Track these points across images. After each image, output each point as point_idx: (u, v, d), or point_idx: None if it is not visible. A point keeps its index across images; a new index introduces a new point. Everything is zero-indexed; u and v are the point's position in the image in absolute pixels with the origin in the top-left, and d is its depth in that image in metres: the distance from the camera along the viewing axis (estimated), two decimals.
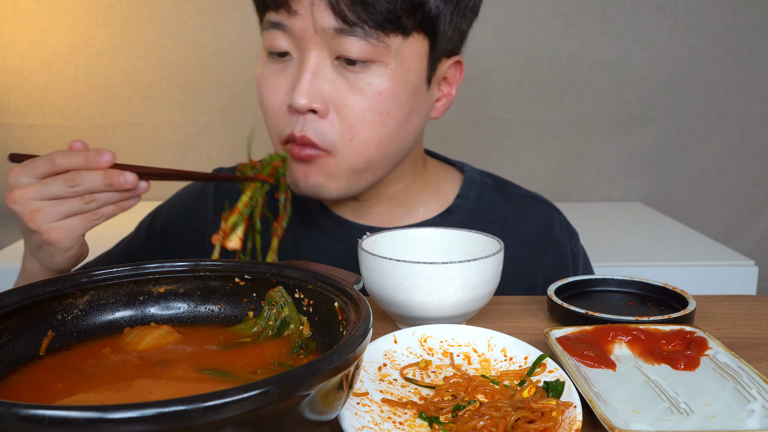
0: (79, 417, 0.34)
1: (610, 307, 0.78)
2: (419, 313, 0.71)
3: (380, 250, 0.79)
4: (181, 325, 0.60)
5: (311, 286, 0.57)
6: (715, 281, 1.56)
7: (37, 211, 0.70)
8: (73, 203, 0.70)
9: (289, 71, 0.81)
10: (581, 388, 0.55)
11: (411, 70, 0.81)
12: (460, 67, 0.89)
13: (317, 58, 0.78)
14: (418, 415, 0.54)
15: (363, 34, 0.76)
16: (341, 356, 0.42)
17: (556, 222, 1.00)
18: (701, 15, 2.01)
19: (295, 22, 0.77)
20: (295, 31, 0.78)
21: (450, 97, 0.89)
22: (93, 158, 0.69)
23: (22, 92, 1.95)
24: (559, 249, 0.99)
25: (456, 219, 0.95)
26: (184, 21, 1.94)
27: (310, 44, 0.78)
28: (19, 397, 0.47)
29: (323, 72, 0.79)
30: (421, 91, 0.84)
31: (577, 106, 2.06)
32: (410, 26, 0.78)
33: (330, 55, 0.78)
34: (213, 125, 2.01)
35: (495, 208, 0.98)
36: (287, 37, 0.79)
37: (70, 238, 0.71)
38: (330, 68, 0.79)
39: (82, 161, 0.69)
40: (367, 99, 0.79)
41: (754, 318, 0.79)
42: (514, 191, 1.02)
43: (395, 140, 0.83)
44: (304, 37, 0.78)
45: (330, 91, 0.79)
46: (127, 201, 0.72)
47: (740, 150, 2.11)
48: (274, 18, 0.79)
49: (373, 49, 0.77)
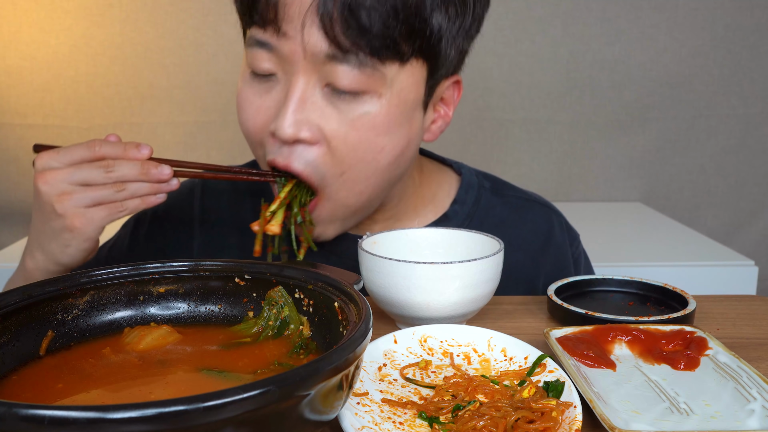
0: (79, 417, 0.34)
1: (610, 307, 0.78)
2: (419, 313, 0.71)
3: (380, 250, 0.79)
4: (181, 325, 0.60)
5: (311, 286, 0.57)
6: (715, 281, 1.56)
7: (66, 194, 0.69)
8: (104, 191, 0.70)
9: (273, 94, 0.75)
10: (581, 388, 0.55)
11: (408, 100, 0.75)
12: (459, 87, 0.83)
13: (305, 84, 0.72)
14: (418, 415, 0.54)
15: (357, 63, 0.70)
16: (341, 356, 0.42)
17: (556, 225, 0.98)
18: (701, 15, 2.01)
19: (283, 44, 0.71)
20: (283, 53, 0.71)
21: (446, 118, 0.84)
22: (132, 149, 0.70)
23: (22, 92, 1.95)
24: (559, 253, 0.97)
25: (452, 225, 0.92)
26: (183, 21, 1.94)
27: (298, 68, 0.71)
28: (19, 397, 0.47)
29: (312, 99, 0.72)
30: (417, 118, 0.78)
31: (577, 106, 2.06)
32: (409, 52, 0.71)
33: (319, 81, 0.72)
34: (213, 125, 2.01)
35: (492, 212, 0.95)
36: (273, 57, 0.73)
37: (92, 227, 0.71)
38: (319, 95, 0.72)
39: (120, 151, 0.70)
40: (360, 133, 0.73)
41: (754, 318, 0.79)
42: (512, 194, 0.98)
43: (387, 174, 0.78)
44: (292, 60, 0.71)
45: (319, 120, 0.73)
46: (155, 197, 0.72)
47: (740, 150, 2.11)
48: (260, 36, 0.72)
49: (367, 79, 0.71)
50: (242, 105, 0.78)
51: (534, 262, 0.95)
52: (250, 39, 0.74)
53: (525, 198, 0.99)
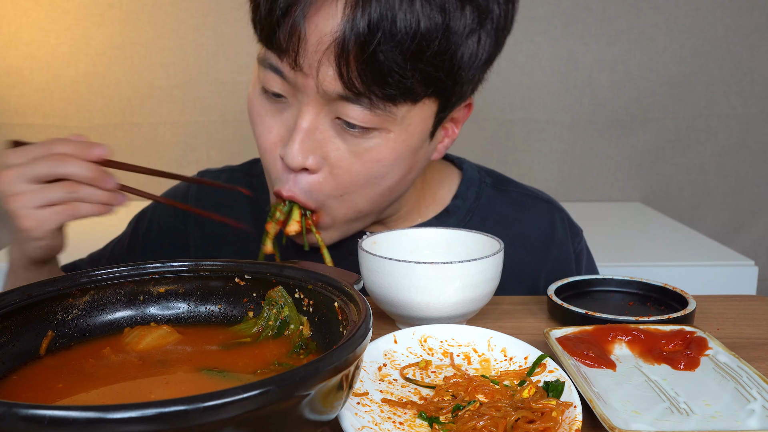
0: (79, 417, 0.34)
1: (610, 307, 0.78)
2: (419, 313, 0.71)
3: (380, 250, 0.79)
4: (181, 325, 0.60)
5: (311, 286, 0.57)
6: (715, 281, 1.56)
7: (18, 194, 0.69)
8: (55, 191, 0.69)
9: (285, 116, 0.74)
10: (581, 388, 0.55)
11: (415, 134, 0.75)
12: (470, 106, 0.83)
13: (315, 116, 0.72)
14: (418, 415, 0.54)
15: (368, 105, 0.69)
16: (341, 356, 0.42)
17: (558, 222, 0.97)
18: (701, 15, 2.01)
19: (296, 77, 0.70)
20: (296, 85, 0.71)
21: (453, 135, 0.84)
22: (86, 149, 0.69)
23: (22, 92, 1.95)
24: (561, 250, 0.96)
25: (453, 220, 0.91)
26: (183, 21, 1.94)
27: (309, 100, 0.71)
28: (19, 397, 0.47)
29: (320, 129, 0.73)
30: (423, 148, 0.78)
31: (577, 106, 2.06)
32: (422, 94, 0.71)
33: (329, 113, 0.72)
34: (213, 125, 2.01)
35: (494, 208, 0.94)
36: (286, 84, 0.72)
37: (42, 229, 0.71)
38: (328, 126, 0.73)
39: (74, 149, 0.69)
40: (364, 165, 0.74)
41: (754, 318, 0.79)
42: (514, 190, 0.98)
43: (388, 193, 0.79)
44: (305, 91, 0.71)
45: (326, 150, 0.73)
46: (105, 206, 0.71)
47: (740, 150, 2.11)
48: (274, 62, 0.71)
49: (378, 118, 0.70)
50: (255, 120, 0.77)
51: (536, 258, 0.94)
52: (265, 60, 0.73)
53: (527, 194, 0.98)
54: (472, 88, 0.78)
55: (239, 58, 1.96)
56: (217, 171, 1.00)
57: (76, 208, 0.70)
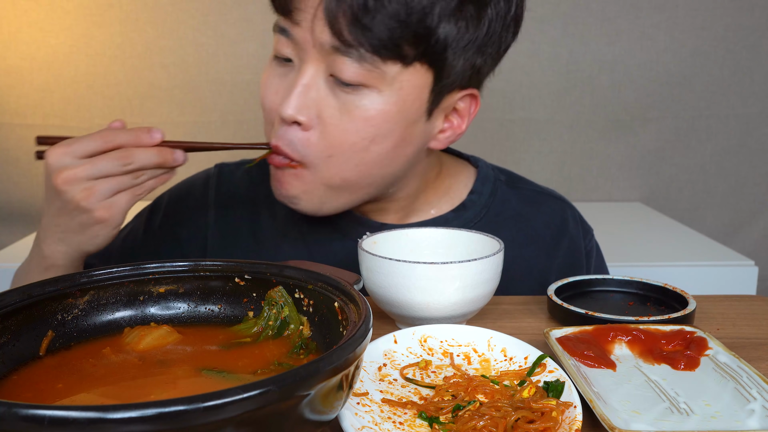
0: (79, 417, 0.34)
1: (610, 307, 0.78)
2: (419, 313, 0.71)
3: (380, 250, 0.79)
4: (181, 325, 0.60)
5: (311, 286, 0.57)
6: (715, 281, 1.56)
7: (88, 190, 0.71)
8: (124, 179, 0.72)
9: (289, 78, 0.79)
10: (581, 388, 0.55)
11: (408, 101, 0.77)
12: (476, 101, 0.84)
13: (313, 72, 0.76)
14: (418, 415, 0.54)
15: (358, 57, 0.73)
16: (341, 356, 0.42)
17: (570, 218, 0.99)
18: (701, 15, 2.01)
19: (297, 32, 0.76)
20: (297, 41, 0.76)
21: (458, 130, 0.85)
22: (144, 136, 0.72)
23: (22, 92, 1.95)
24: (572, 245, 0.97)
25: (469, 215, 0.93)
26: (184, 21, 1.94)
27: (308, 56, 0.76)
28: (19, 397, 0.47)
29: (316, 86, 0.77)
30: (418, 122, 0.80)
31: (577, 106, 2.06)
32: (411, 56, 0.74)
33: (325, 70, 0.76)
34: (213, 125, 2.01)
35: (508, 204, 0.96)
36: (291, 44, 0.78)
37: (119, 215, 0.74)
38: (323, 84, 0.77)
39: (132, 139, 0.72)
40: (354, 122, 0.77)
41: (754, 318, 0.79)
42: (527, 187, 1.00)
43: (378, 167, 0.80)
44: (304, 47, 0.76)
45: (319, 106, 0.77)
46: (167, 174, 0.75)
47: (740, 150, 2.11)
48: (282, 23, 0.78)
49: (367, 73, 0.74)
50: (264, 84, 0.82)
51: (547, 254, 0.96)
52: (276, 25, 0.79)
53: (539, 191, 1.01)
54: (471, 73, 0.80)
55: (239, 58, 1.96)
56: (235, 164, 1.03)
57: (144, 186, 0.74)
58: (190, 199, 1.00)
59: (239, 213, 0.97)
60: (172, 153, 0.72)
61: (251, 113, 2.00)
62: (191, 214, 0.98)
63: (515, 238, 0.92)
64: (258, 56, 1.95)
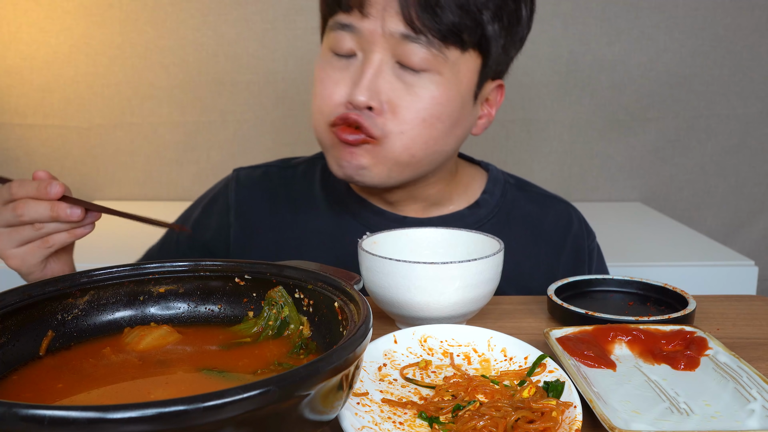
0: (79, 417, 0.34)
1: (610, 307, 0.78)
2: (419, 313, 0.71)
3: (380, 250, 0.79)
4: (181, 325, 0.60)
5: (311, 286, 0.57)
6: (715, 281, 1.56)
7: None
8: (24, 231, 0.74)
9: (351, 70, 0.84)
10: (581, 388, 0.55)
11: (463, 83, 0.85)
12: (502, 91, 0.94)
13: (380, 60, 0.82)
14: (418, 415, 0.54)
15: (426, 43, 0.80)
16: (341, 356, 0.42)
17: (575, 219, 1.05)
18: (701, 15, 2.01)
19: (364, 24, 0.81)
20: (363, 33, 0.82)
21: (490, 117, 0.94)
22: (43, 189, 0.73)
23: (22, 92, 1.95)
24: (576, 245, 1.03)
25: (483, 212, 0.99)
26: (183, 21, 1.94)
27: (375, 46, 0.82)
28: (19, 397, 0.47)
29: (384, 73, 0.83)
30: (468, 104, 0.88)
31: (577, 106, 2.06)
32: (468, 42, 0.82)
33: (392, 58, 0.82)
34: (213, 125, 2.01)
35: (518, 205, 1.02)
36: (354, 37, 0.83)
37: (26, 265, 0.76)
38: (390, 70, 0.83)
39: (33, 191, 0.73)
40: (422, 102, 0.83)
41: (754, 318, 0.79)
42: (534, 190, 1.07)
43: (440, 144, 0.87)
44: (371, 39, 0.82)
45: (388, 91, 0.83)
46: (81, 229, 0.75)
47: (740, 150, 2.11)
48: (344, 19, 0.83)
49: (433, 58, 0.81)
50: (322, 78, 0.87)
51: (555, 253, 1.01)
52: (334, 24, 0.84)
53: (545, 194, 1.08)
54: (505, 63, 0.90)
55: (239, 58, 1.96)
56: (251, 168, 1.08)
57: (48, 241, 0.75)
58: (218, 201, 1.05)
59: (259, 213, 1.02)
60: (66, 208, 0.72)
61: (251, 113, 2.00)
62: (216, 218, 1.03)
63: (524, 235, 0.99)
64: (258, 56, 1.95)
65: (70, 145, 1.99)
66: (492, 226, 0.98)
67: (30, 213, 0.73)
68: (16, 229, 0.74)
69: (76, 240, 0.77)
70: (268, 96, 1.99)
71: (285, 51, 1.95)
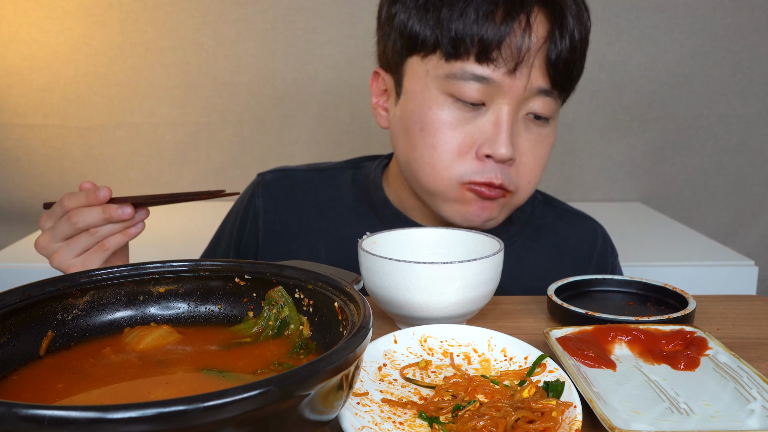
0: (79, 417, 0.34)
1: (610, 307, 0.78)
2: (419, 313, 0.71)
3: (380, 250, 0.79)
4: (181, 325, 0.60)
5: (311, 286, 0.57)
6: (715, 281, 1.56)
7: (55, 253, 0.80)
8: (81, 239, 0.79)
9: (480, 121, 0.87)
10: (581, 388, 0.55)
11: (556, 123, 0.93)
12: None
13: (514, 114, 0.86)
14: (418, 415, 0.54)
15: (556, 96, 0.88)
16: (341, 356, 0.42)
17: (600, 237, 1.06)
18: (701, 15, 2.01)
19: (506, 80, 0.84)
20: (503, 87, 0.84)
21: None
22: (92, 195, 0.78)
23: (22, 92, 1.95)
24: (600, 262, 1.04)
25: (515, 229, 1.01)
26: (184, 21, 1.94)
27: (511, 99, 0.85)
28: (19, 397, 0.47)
29: (516, 125, 0.87)
30: None
31: (577, 106, 2.06)
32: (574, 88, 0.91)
33: (522, 111, 0.87)
34: (213, 125, 2.01)
35: (545, 221, 1.05)
36: (488, 89, 0.85)
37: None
38: (521, 122, 0.88)
39: (83, 199, 0.78)
40: (545, 149, 0.91)
41: (754, 318, 0.79)
42: (561, 206, 1.09)
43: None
44: (509, 93, 0.85)
45: (520, 143, 0.88)
46: (133, 229, 0.80)
47: (740, 150, 2.11)
48: (480, 72, 0.84)
49: (555, 107, 0.89)
50: (445, 130, 0.87)
51: (579, 268, 1.02)
52: (464, 73, 0.84)
53: (572, 210, 1.10)
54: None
55: (239, 58, 1.96)
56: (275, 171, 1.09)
57: (105, 244, 0.79)
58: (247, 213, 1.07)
59: (286, 216, 1.03)
60: (117, 208, 0.77)
61: (251, 113, 2.00)
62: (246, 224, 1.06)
63: (551, 252, 1.01)
64: (258, 56, 1.95)
65: (70, 145, 1.99)
66: (522, 243, 1.00)
67: (85, 219, 0.77)
68: (74, 239, 0.79)
69: (130, 240, 0.81)
70: (268, 96, 1.99)
71: (285, 51, 1.95)
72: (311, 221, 1.02)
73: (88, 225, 0.78)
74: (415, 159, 0.90)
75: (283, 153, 2.02)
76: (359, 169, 1.08)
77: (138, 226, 0.81)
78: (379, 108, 0.97)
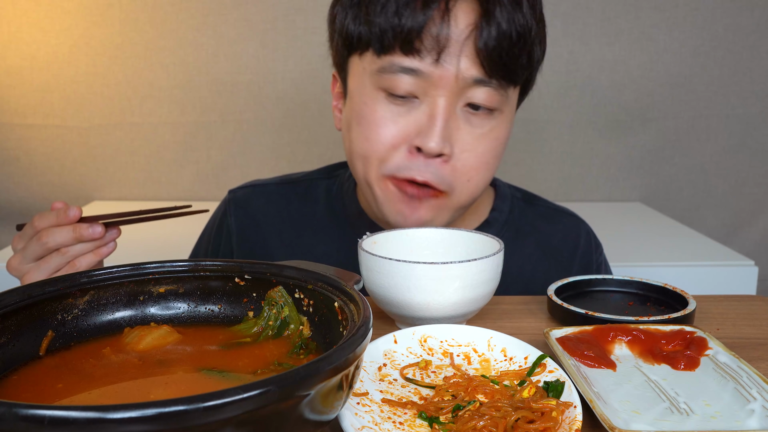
0: (79, 417, 0.34)
1: (610, 307, 0.78)
2: (419, 313, 0.71)
3: (380, 250, 0.79)
4: (181, 325, 0.60)
5: (311, 286, 0.57)
6: (715, 281, 1.56)
7: (26, 274, 0.79)
8: (52, 260, 0.78)
9: (414, 114, 0.84)
10: (581, 388, 0.55)
11: (511, 116, 0.89)
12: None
13: (449, 105, 0.83)
14: (418, 415, 0.54)
15: (496, 86, 0.83)
16: (341, 356, 0.42)
17: (583, 233, 1.05)
18: (701, 15, 2.01)
19: (434, 70, 0.81)
20: (433, 78, 0.81)
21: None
22: (62, 215, 0.77)
23: (22, 92, 1.95)
24: (585, 259, 1.03)
25: (493, 231, 0.99)
26: (184, 21, 1.94)
27: (445, 91, 0.82)
28: (19, 397, 0.47)
29: (453, 118, 0.83)
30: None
31: (577, 106, 2.06)
32: (520, 79, 0.86)
33: (460, 101, 0.83)
34: (213, 125, 2.01)
35: (526, 220, 1.03)
36: (418, 81, 0.82)
37: None
38: (459, 114, 0.84)
39: (53, 219, 0.78)
40: (489, 144, 0.86)
41: (754, 318, 0.79)
42: (542, 204, 1.07)
43: (491, 177, 0.90)
44: (439, 83, 0.82)
45: (458, 136, 0.84)
46: (104, 248, 0.80)
47: (740, 150, 2.11)
48: (407, 63, 0.81)
49: (500, 98, 0.84)
50: (379, 123, 0.85)
51: (563, 267, 1.01)
52: (394, 66, 0.82)
53: (554, 208, 1.08)
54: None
55: (239, 58, 1.96)
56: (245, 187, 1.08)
57: (76, 264, 0.79)
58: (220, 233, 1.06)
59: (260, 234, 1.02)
60: (87, 227, 0.77)
61: (251, 113, 2.00)
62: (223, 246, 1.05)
63: (534, 252, 1.00)
64: (258, 56, 1.95)
65: (70, 145, 1.99)
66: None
67: (55, 239, 0.77)
68: (45, 259, 0.78)
69: (102, 259, 0.81)
70: (268, 96, 1.99)
71: (285, 51, 1.95)
72: (285, 239, 1.00)
73: (59, 244, 0.77)
74: (351, 153, 0.89)
75: (283, 153, 2.02)
76: (332, 178, 1.06)
77: (109, 246, 0.80)
78: (336, 110, 0.97)
